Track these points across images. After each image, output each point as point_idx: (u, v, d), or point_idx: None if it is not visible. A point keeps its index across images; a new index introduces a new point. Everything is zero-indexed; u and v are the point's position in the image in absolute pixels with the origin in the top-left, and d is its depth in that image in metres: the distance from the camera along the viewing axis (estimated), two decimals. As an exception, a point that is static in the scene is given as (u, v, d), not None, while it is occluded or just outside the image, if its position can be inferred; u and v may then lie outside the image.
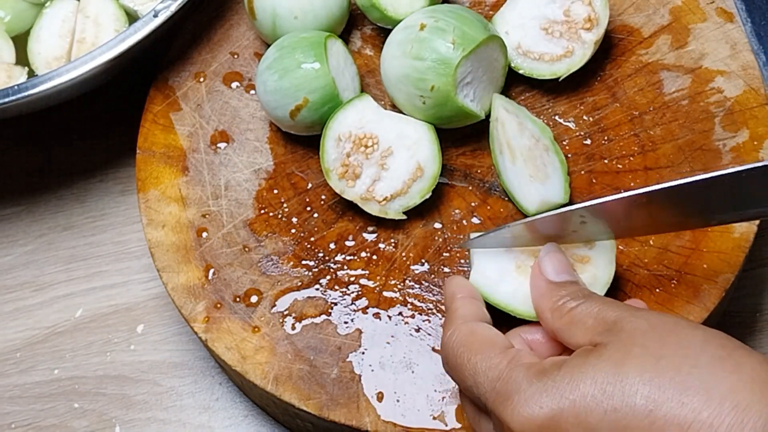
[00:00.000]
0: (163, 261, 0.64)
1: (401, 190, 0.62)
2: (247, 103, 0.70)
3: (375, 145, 0.63)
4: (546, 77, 0.66)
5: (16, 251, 0.77)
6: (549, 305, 0.51)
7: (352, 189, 0.62)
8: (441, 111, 0.63)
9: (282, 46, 0.65)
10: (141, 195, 0.67)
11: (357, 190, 0.62)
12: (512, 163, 0.62)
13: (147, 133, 0.69)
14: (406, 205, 0.63)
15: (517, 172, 0.62)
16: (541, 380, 0.45)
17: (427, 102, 0.62)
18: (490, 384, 0.48)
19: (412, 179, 0.62)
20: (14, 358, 0.73)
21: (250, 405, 0.70)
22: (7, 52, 0.74)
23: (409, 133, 0.63)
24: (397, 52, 0.63)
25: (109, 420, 0.70)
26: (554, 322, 0.51)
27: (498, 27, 0.67)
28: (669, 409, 0.42)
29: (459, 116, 0.63)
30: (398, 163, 0.63)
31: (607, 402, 0.43)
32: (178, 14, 0.68)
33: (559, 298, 0.51)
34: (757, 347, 0.69)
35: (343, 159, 0.63)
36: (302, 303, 0.63)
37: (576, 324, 0.49)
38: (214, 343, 0.61)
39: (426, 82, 0.62)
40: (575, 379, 0.44)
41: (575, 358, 0.46)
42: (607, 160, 0.65)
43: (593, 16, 0.65)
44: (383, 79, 0.65)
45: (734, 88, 0.66)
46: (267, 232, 0.65)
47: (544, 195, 0.61)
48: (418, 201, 0.63)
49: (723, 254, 0.60)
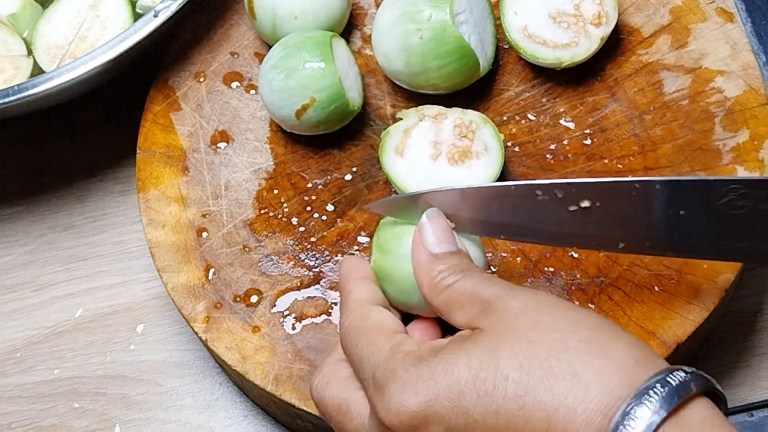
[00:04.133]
0: (163, 261, 0.64)
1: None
2: (247, 103, 0.70)
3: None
4: (549, 62, 0.66)
5: (16, 251, 0.77)
6: (427, 280, 0.51)
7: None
8: (438, 45, 0.62)
9: (287, 46, 0.65)
10: (141, 195, 0.67)
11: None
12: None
13: (147, 133, 0.69)
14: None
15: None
16: (417, 367, 0.46)
17: (424, 35, 0.62)
18: (371, 371, 0.48)
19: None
20: (14, 358, 0.73)
21: (250, 405, 0.70)
22: (16, 45, 0.74)
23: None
24: (391, 0, 0.64)
25: (109, 420, 0.70)
26: (433, 299, 0.50)
27: (507, 7, 0.67)
28: (537, 394, 0.42)
29: (456, 53, 0.63)
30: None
31: (480, 386, 0.44)
32: (178, 14, 0.68)
33: (437, 273, 0.50)
34: (757, 347, 0.69)
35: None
36: (302, 303, 0.63)
37: (453, 303, 0.49)
38: (214, 343, 0.61)
39: (423, 13, 0.62)
40: (450, 364, 0.45)
41: (452, 344, 0.46)
42: (607, 160, 0.65)
43: (602, 13, 0.65)
44: (374, 39, 0.65)
45: (734, 88, 0.66)
46: (267, 232, 0.65)
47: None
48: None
49: (723, 254, 0.60)
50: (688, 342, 0.59)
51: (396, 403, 0.45)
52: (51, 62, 0.73)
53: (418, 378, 0.45)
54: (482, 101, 0.68)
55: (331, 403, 0.50)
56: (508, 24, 0.67)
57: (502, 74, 0.69)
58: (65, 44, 0.73)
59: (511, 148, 0.66)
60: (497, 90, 0.68)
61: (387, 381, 0.46)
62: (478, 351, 0.45)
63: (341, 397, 0.50)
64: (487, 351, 0.45)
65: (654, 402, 0.41)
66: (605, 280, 0.61)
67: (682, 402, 0.41)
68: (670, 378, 0.42)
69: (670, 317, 0.59)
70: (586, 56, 0.65)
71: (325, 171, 0.67)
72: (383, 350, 0.48)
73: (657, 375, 0.42)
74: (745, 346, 0.69)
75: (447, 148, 0.62)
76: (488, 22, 0.67)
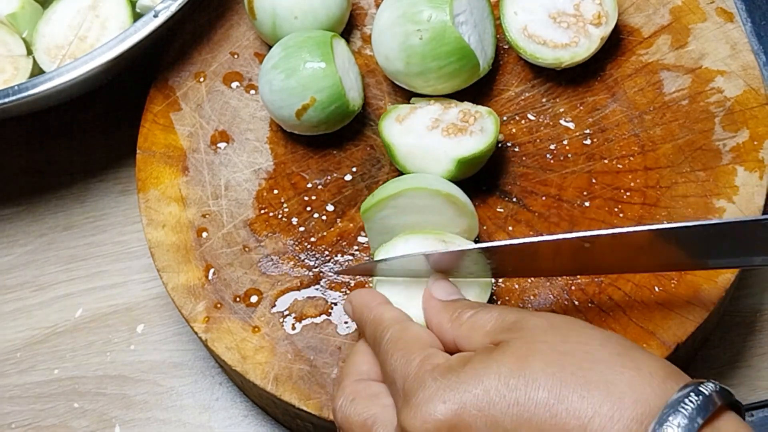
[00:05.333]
0: (163, 261, 0.64)
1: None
2: (247, 103, 0.70)
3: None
4: (548, 62, 0.66)
5: (16, 251, 0.77)
6: (447, 317, 0.52)
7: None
8: (438, 46, 0.63)
9: (287, 46, 0.65)
10: (141, 195, 0.67)
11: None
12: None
13: (147, 133, 0.69)
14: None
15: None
16: (446, 377, 0.46)
17: (424, 36, 0.62)
18: (402, 382, 0.48)
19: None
20: (14, 358, 0.73)
21: (250, 405, 0.70)
22: (16, 45, 0.74)
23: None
24: (391, 0, 0.64)
25: (109, 420, 0.70)
26: (454, 331, 0.51)
27: (507, 7, 0.67)
28: (571, 402, 0.42)
29: (456, 53, 0.63)
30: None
31: (510, 395, 0.43)
32: (178, 14, 0.68)
33: (455, 309, 0.52)
34: (757, 347, 0.69)
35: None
36: (302, 303, 0.63)
37: (476, 329, 0.49)
38: (214, 343, 0.61)
39: (423, 14, 0.62)
40: (479, 374, 0.45)
41: (479, 354, 0.46)
42: (607, 160, 0.65)
43: (602, 13, 0.65)
44: (374, 39, 0.66)
45: (734, 88, 0.66)
46: (267, 232, 0.65)
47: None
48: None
49: (723, 254, 0.60)
50: (688, 342, 0.59)
51: (423, 412, 0.45)
52: (51, 62, 0.73)
53: (446, 387, 0.45)
54: (482, 101, 0.67)
55: (357, 419, 0.50)
56: (507, 24, 0.67)
57: (502, 74, 0.69)
58: (65, 44, 0.73)
59: (511, 148, 0.66)
60: (497, 90, 0.68)
61: (415, 390, 0.46)
62: (508, 360, 0.45)
63: (367, 414, 0.50)
64: (517, 359, 0.45)
65: (690, 410, 0.41)
66: (605, 280, 0.61)
67: (714, 412, 0.41)
68: (702, 388, 0.42)
69: (670, 317, 0.59)
70: (585, 56, 0.65)
71: (325, 171, 0.67)
72: (414, 361, 0.48)
73: (688, 386, 0.42)
74: (745, 346, 0.69)
75: (446, 125, 0.63)
76: (488, 23, 0.67)
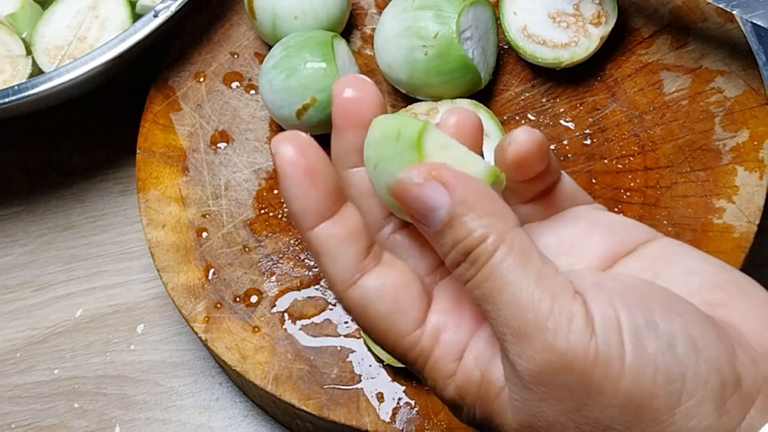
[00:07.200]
0: (163, 261, 0.64)
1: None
2: (247, 103, 0.70)
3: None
4: (548, 62, 0.66)
5: (16, 251, 0.77)
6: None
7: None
8: (442, 63, 0.63)
9: (288, 45, 0.65)
10: (141, 195, 0.67)
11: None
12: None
13: (147, 133, 0.69)
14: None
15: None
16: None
17: (429, 52, 0.63)
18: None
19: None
20: (14, 358, 0.73)
21: (250, 405, 0.70)
22: (15, 45, 0.74)
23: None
24: (397, 10, 0.64)
25: (109, 420, 0.70)
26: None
27: (507, 7, 0.67)
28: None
29: (459, 70, 0.63)
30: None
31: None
32: (178, 14, 0.68)
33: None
34: (757, 347, 0.69)
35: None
36: (302, 303, 0.63)
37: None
38: (214, 343, 0.61)
39: (429, 30, 0.63)
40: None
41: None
42: (607, 160, 0.65)
43: (602, 13, 0.65)
44: (377, 46, 0.65)
45: (734, 88, 0.66)
46: (267, 232, 0.65)
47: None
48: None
49: (723, 254, 0.60)
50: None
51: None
52: (50, 63, 0.73)
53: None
54: (482, 101, 0.67)
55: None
56: (507, 24, 0.67)
57: (502, 74, 0.69)
58: (64, 45, 0.73)
59: (511, 148, 0.66)
60: (497, 90, 0.68)
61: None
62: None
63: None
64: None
65: None
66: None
67: None
68: None
69: (670, 317, 0.59)
70: (585, 56, 0.65)
71: (325, 171, 0.67)
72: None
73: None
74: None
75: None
76: (491, 33, 0.67)
